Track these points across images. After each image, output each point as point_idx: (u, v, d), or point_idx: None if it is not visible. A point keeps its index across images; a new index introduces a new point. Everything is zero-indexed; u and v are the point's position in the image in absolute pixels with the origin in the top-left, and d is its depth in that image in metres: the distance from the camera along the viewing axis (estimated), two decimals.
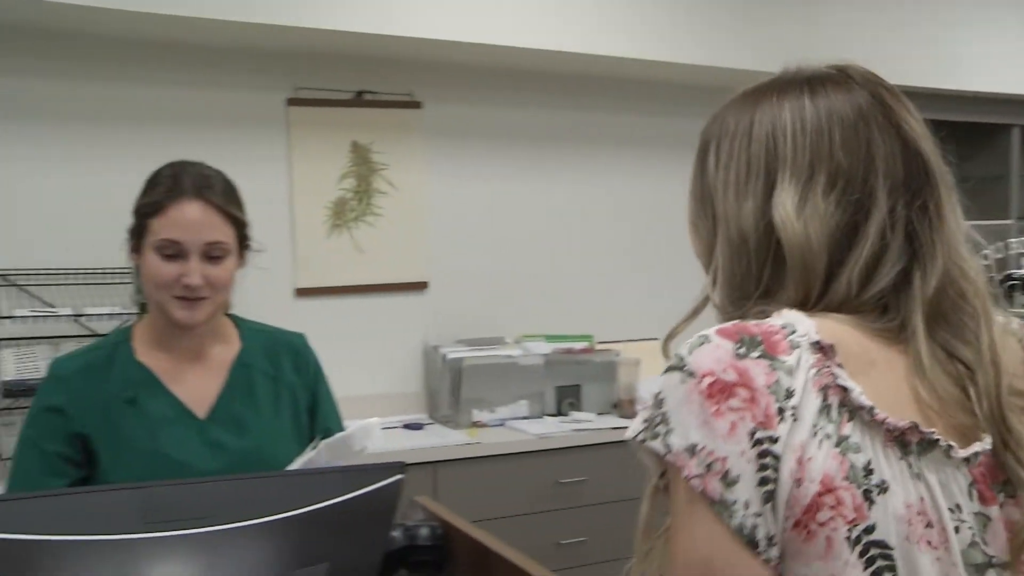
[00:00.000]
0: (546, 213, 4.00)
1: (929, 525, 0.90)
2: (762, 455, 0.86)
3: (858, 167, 0.96)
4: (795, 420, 0.87)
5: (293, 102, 3.51)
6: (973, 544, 0.92)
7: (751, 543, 0.86)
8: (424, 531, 1.36)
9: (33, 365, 2.93)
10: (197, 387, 1.73)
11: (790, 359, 0.89)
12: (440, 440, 3.32)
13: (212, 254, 1.66)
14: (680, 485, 0.88)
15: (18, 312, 2.94)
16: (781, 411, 0.87)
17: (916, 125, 1.00)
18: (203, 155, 1.80)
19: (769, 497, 0.86)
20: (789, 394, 0.88)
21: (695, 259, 1.07)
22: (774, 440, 0.86)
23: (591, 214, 4.08)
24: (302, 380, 1.82)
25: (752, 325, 0.92)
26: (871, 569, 0.88)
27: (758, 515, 0.86)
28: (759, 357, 0.89)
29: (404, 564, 1.37)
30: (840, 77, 1.01)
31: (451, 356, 3.56)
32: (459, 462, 3.23)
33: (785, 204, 0.96)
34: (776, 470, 0.86)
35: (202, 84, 3.38)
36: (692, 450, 0.87)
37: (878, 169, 0.97)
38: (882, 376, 0.93)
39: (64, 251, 3.12)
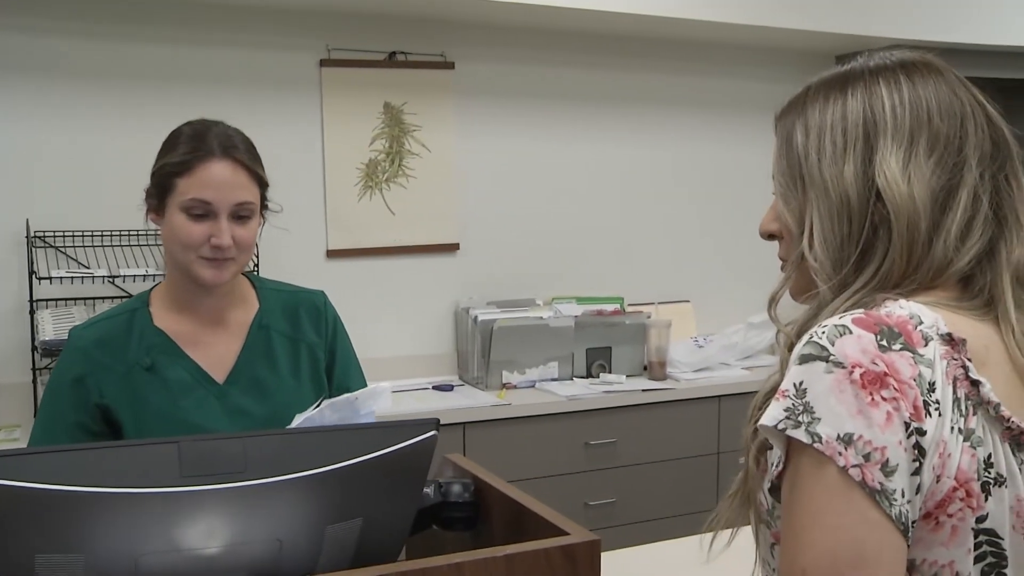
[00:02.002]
0: (578, 174, 3.97)
1: None
2: (915, 447, 0.89)
3: (954, 135, 1.01)
4: (939, 415, 0.90)
5: (326, 63, 3.50)
6: None
7: (904, 530, 0.88)
8: (457, 488, 1.36)
9: (69, 325, 2.95)
10: (216, 351, 1.72)
11: (927, 352, 0.92)
12: (470, 401, 3.32)
13: (240, 214, 1.64)
14: (826, 474, 0.88)
15: (55, 273, 2.96)
16: (926, 405, 0.89)
17: (994, 107, 1.05)
18: (236, 116, 1.79)
19: (917, 488, 0.89)
20: (932, 387, 0.90)
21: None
22: (922, 433, 0.89)
23: (623, 176, 4.05)
24: (321, 339, 1.80)
25: (884, 315, 0.94)
26: (976, 554, 0.92)
27: (909, 503, 0.89)
28: (901, 349, 0.91)
29: (436, 520, 1.37)
30: (926, 60, 1.06)
31: (482, 318, 3.56)
32: (489, 423, 3.24)
33: (890, 166, 0.99)
34: (921, 463, 0.89)
35: (236, 44, 3.37)
36: (848, 439, 0.88)
37: (970, 139, 1.01)
38: (997, 365, 0.96)
39: (99, 213, 3.14)
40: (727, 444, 3.57)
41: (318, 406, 1.47)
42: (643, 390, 3.52)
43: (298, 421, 1.45)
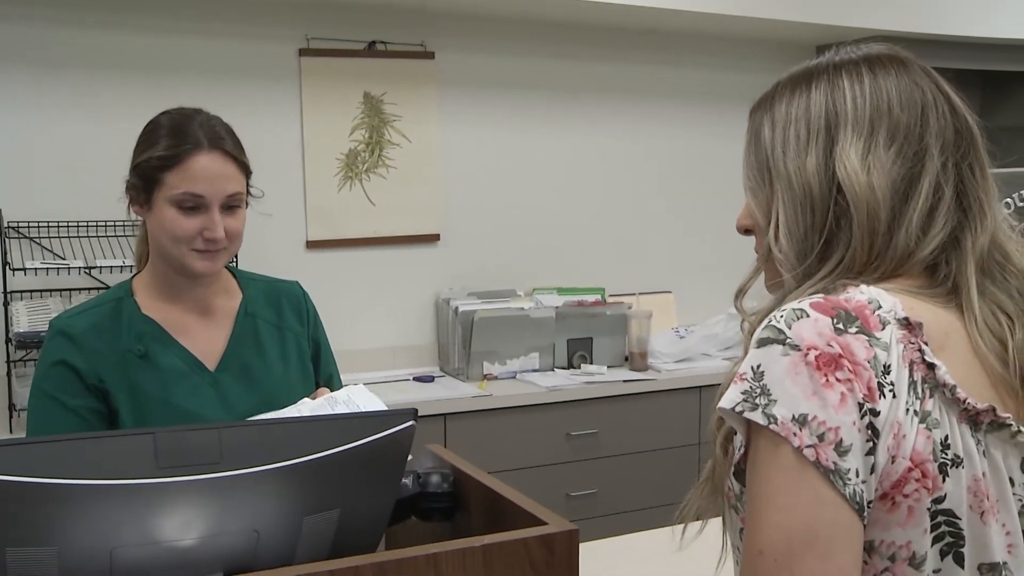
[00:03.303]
0: (559, 165, 3.97)
1: (990, 498, 0.95)
2: (869, 427, 0.90)
3: (914, 124, 1.02)
4: (894, 397, 0.91)
5: (305, 52, 3.48)
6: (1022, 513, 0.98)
7: (859, 509, 0.89)
8: (435, 478, 1.36)
9: (44, 317, 2.93)
10: (205, 339, 1.72)
11: (884, 335, 0.93)
12: (451, 392, 3.32)
13: (231, 205, 1.65)
14: (782, 454, 0.90)
15: (30, 264, 2.94)
16: (881, 386, 0.91)
17: (959, 97, 1.06)
18: (214, 106, 1.78)
19: (872, 468, 0.90)
20: (887, 370, 0.92)
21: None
22: (876, 414, 0.90)
23: (604, 167, 4.05)
24: (304, 328, 1.82)
25: (843, 300, 0.95)
26: (934, 534, 0.93)
27: (864, 483, 0.90)
28: (857, 332, 0.92)
29: (415, 511, 1.37)
30: (891, 53, 1.08)
31: (463, 309, 3.56)
32: (470, 414, 3.24)
33: (850, 156, 1.01)
34: (875, 444, 0.90)
35: (215, 34, 3.35)
36: (802, 420, 0.89)
37: (931, 127, 1.02)
38: (957, 350, 0.97)
39: (75, 204, 3.11)
40: (708, 434, 3.58)
41: (297, 409, 1.47)
42: (624, 381, 3.53)
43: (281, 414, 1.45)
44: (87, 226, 3.11)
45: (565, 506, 3.35)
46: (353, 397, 1.47)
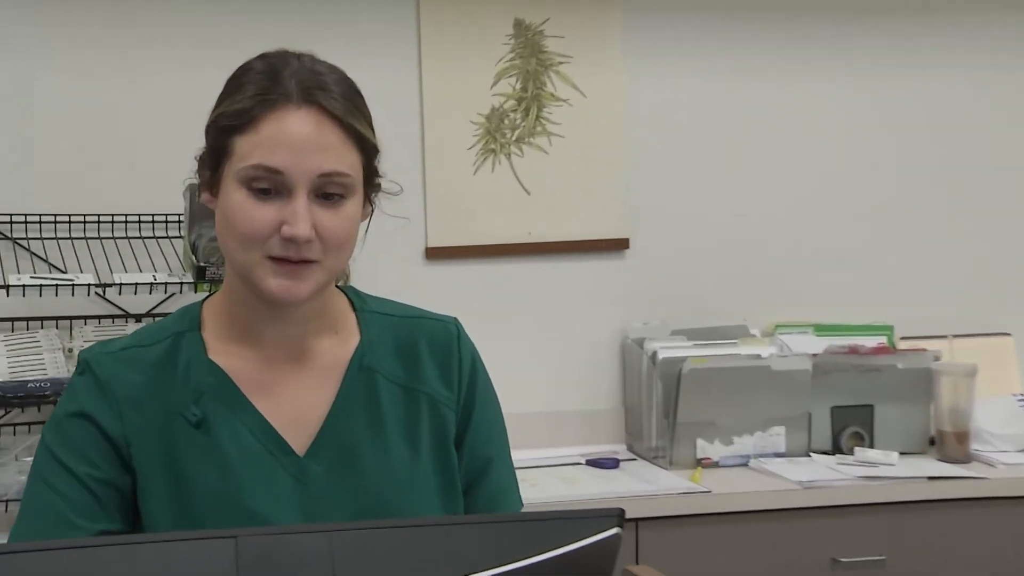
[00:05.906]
0: (815, 133, 3.96)
1: None
2: None
3: None
4: None
5: None
6: None
7: None
8: None
9: (33, 361, 3.00)
10: (293, 403, 1.73)
11: None
12: (646, 486, 3.34)
13: (327, 191, 1.63)
14: None
15: (14, 280, 2.94)
16: None
17: None
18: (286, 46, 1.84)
19: None
20: None
21: None
22: None
23: (889, 134, 4.02)
24: (452, 392, 1.80)
25: None
26: None
27: None
28: None
29: None
30: None
31: (664, 355, 3.57)
32: (676, 521, 3.24)
33: None
34: None
35: None
36: None
37: None
38: None
39: (84, 190, 3.24)
40: None
41: None
42: (930, 478, 3.46)
43: None
44: (99, 223, 3.21)
45: None
46: None
